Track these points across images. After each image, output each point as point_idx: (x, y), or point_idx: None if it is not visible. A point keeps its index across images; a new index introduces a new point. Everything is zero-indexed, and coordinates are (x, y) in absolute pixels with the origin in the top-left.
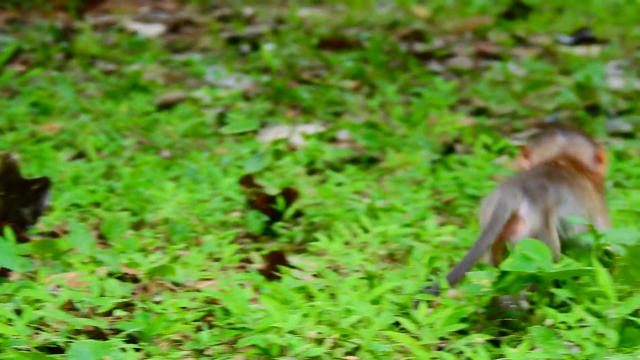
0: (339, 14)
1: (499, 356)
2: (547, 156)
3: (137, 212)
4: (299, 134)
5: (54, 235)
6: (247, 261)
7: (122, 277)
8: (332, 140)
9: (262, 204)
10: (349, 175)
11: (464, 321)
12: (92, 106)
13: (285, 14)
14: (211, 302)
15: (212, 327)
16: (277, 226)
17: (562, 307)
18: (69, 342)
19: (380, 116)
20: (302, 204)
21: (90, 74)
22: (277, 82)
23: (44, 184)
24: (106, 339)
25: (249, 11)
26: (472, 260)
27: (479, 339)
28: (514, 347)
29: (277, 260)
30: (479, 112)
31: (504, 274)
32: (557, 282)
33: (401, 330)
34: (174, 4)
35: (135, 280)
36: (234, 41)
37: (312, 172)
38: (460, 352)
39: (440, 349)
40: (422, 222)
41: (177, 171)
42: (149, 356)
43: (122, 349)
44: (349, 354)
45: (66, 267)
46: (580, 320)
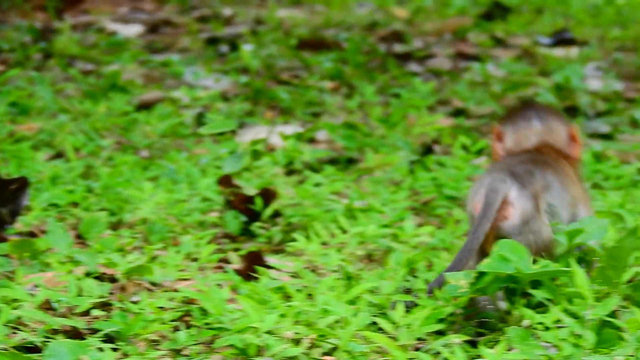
0: (318, 14)
1: (476, 357)
2: (525, 145)
3: (116, 212)
4: (278, 134)
5: (32, 235)
6: (225, 261)
7: (100, 277)
8: (311, 140)
9: (240, 204)
10: (328, 175)
11: (442, 322)
12: (70, 106)
13: (264, 14)
14: (189, 302)
15: (189, 327)
16: (255, 226)
17: (540, 307)
18: (46, 341)
19: (359, 117)
20: (281, 205)
21: (69, 74)
22: (256, 82)
23: (22, 184)
24: (84, 339)
25: (228, 12)
26: (471, 249)
27: (457, 339)
28: (491, 347)
29: (254, 260)
30: (458, 112)
31: (482, 274)
32: (535, 282)
33: (379, 330)
34: (153, 5)
35: (112, 280)
36: (213, 42)
37: (290, 172)
38: (437, 353)
39: (417, 349)
40: (400, 222)
41: (155, 171)
42: (126, 356)
43: (100, 349)
44: (326, 354)
45: (44, 266)
46: (557, 321)
